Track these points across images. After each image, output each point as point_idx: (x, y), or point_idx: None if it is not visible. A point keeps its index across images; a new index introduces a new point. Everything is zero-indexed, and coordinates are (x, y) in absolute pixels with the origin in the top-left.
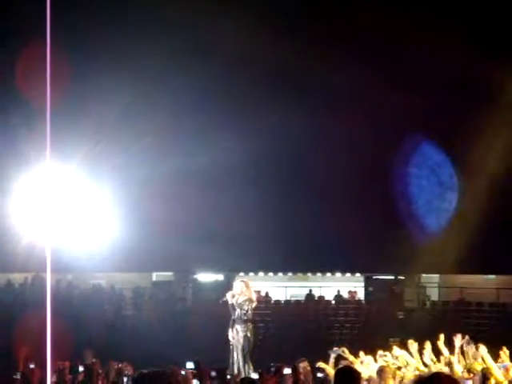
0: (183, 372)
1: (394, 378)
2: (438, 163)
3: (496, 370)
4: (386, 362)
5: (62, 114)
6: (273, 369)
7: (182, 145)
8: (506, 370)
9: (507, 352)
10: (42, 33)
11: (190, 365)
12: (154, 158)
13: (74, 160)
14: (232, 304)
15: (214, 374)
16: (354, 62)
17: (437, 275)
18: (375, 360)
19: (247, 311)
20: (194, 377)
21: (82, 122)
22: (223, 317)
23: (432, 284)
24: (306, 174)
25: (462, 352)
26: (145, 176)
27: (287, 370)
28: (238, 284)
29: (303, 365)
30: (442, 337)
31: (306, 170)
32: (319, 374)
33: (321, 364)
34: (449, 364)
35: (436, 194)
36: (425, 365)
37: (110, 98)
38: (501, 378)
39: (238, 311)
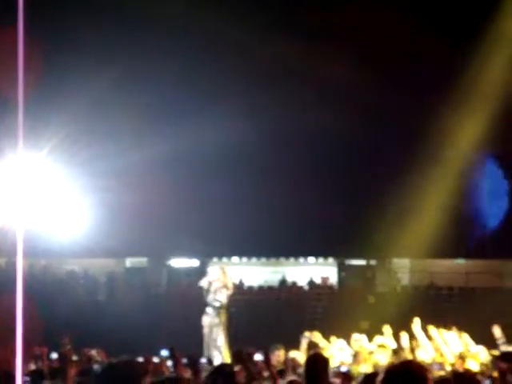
0: (157, 360)
1: (367, 362)
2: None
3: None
4: (361, 346)
5: (35, 102)
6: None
7: (156, 133)
8: (461, 357)
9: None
10: (14, 20)
11: (164, 352)
12: (128, 145)
13: (46, 147)
14: (207, 290)
15: (185, 360)
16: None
17: (407, 260)
18: (348, 343)
19: (222, 297)
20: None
21: (55, 111)
22: (197, 302)
23: (403, 269)
24: (280, 161)
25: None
26: (120, 163)
27: (258, 356)
28: (214, 270)
29: (279, 353)
30: (416, 321)
31: (280, 158)
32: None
33: (293, 352)
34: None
35: None
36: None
37: (84, 88)
38: (470, 363)
39: (212, 297)
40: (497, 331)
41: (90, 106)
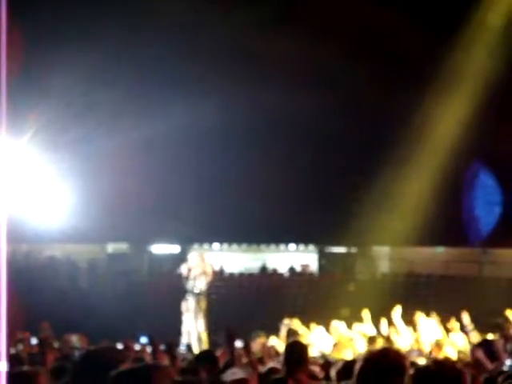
0: (137, 347)
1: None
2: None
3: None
4: (340, 333)
5: (15, 88)
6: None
7: (137, 116)
8: (437, 345)
9: (457, 323)
10: None
11: (143, 339)
12: (109, 129)
13: (27, 133)
14: (187, 277)
15: (163, 347)
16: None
17: (387, 248)
18: (328, 331)
19: (201, 284)
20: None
21: (35, 96)
22: (179, 289)
23: (383, 256)
24: (261, 147)
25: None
26: (100, 148)
27: (239, 343)
28: (193, 257)
29: (260, 340)
30: (397, 308)
31: (260, 144)
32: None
33: (273, 340)
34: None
35: None
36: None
37: (65, 72)
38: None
39: (191, 284)
40: (465, 318)
41: (70, 92)
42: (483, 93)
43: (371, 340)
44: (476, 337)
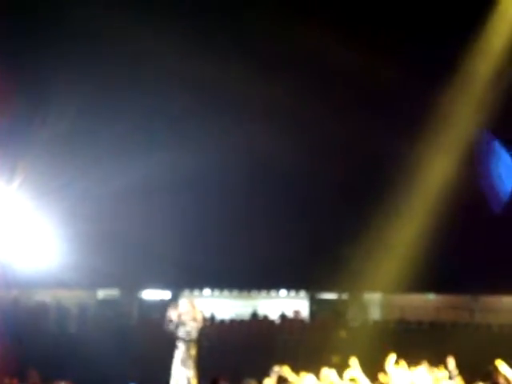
0: None
1: None
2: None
3: None
4: (331, 381)
5: (4, 133)
6: None
7: (123, 162)
8: None
9: (445, 371)
10: None
11: None
12: (97, 175)
13: (16, 180)
14: (177, 323)
15: None
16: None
17: (378, 294)
18: (318, 378)
19: (192, 331)
20: None
21: (25, 142)
22: (169, 335)
23: (374, 303)
24: (249, 190)
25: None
26: (92, 193)
27: None
28: (183, 303)
29: None
30: (391, 357)
31: (251, 185)
32: None
33: None
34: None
35: None
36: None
37: (51, 120)
38: None
39: (182, 330)
40: (451, 363)
41: (57, 139)
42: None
43: None
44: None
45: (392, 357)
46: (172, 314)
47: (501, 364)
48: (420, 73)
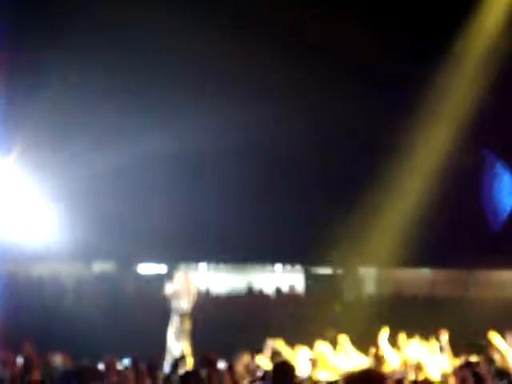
0: (121, 367)
1: (328, 370)
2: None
3: (428, 364)
4: (324, 354)
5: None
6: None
7: (124, 138)
8: (419, 366)
9: (437, 345)
10: None
11: (126, 361)
12: (94, 150)
13: (14, 152)
14: (171, 297)
15: (144, 367)
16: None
17: (374, 269)
18: (312, 352)
19: (186, 304)
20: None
21: (23, 115)
22: (164, 309)
23: (369, 277)
24: (247, 165)
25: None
26: (89, 168)
27: (222, 364)
28: (178, 277)
29: (245, 359)
30: (385, 330)
31: (246, 164)
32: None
33: (258, 360)
34: (380, 357)
35: None
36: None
37: (53, 90)
38: (431, 372)
39: (176, 304)
40: (443, 337)
41: (58, 112)
42: (467, 117)
43: (356, 361)
44: (451, 358)
45: (385, 331)
46: (167, 288)
47: (494, 337)
48: (413, 52)
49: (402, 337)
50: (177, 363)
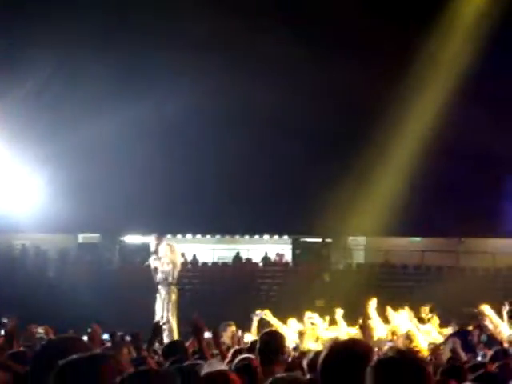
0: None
1: (316, 340)
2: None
3: (418, 334)
4: (314, 324)
5: None
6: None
7: (107, 109)
8: (408, 336)
9: (428, 314)
10: None
11: (105, 336)
12: (80, 120)
13: None
14: (155, 267)
15: (128, 338)
16: None
17: (363, 238)
18: (302, 322)
19: (171, 274)
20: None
21: (5, 87)
22: (150, 280)
23: (358, 247)
24: (233, 139)
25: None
26: (72, 138)
27: (208, 334)
28: (162, 247)
29: (231, 329)
30: (373, 300)
31: (234, 134)
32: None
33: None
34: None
35: None
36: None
37: (34, 62)
38: (421, 342)
39: (160, 275)
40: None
41: (40, 82)
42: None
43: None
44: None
45: (373, 301)
46: (151, 259)
47: (486, 307)
48: (404, 16)
49: (390, 307)
50: (156, 327)
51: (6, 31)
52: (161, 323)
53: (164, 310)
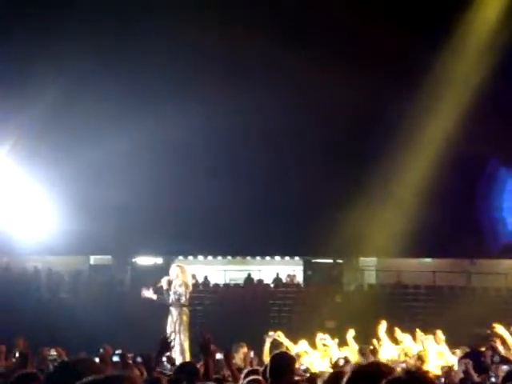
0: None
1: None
2: None
3: (431, 355)
4: (325, 345)
5: None
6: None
7: (120, 130)
8: (419, 357)
9: (441, 336)
10: None
11: (115, 358)
12: (92, 142)
13: (7, 145)
14: (167, 289)
15: (139, 359)
16: None
17: (374, 259)
18: (313, 343)
19: (183, 296)
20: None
21: (15, 108)
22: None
23: (370, 267)
24: (246, 160)
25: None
26: (85, 160)
27: (219, 355)
28: (173, 269)
29: (243, 350)
30: (383, 323)
31: (245, 157)
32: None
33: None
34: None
35: None
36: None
37: (45, 84)
38: (433, 362)
39: (173, 296)
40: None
41: (52, 102)
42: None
43: (357, 352)
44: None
45: (383, 323)
46: (163, 281)
47: (498, 327)
48: (416, 34)
49: (400, 329)
50: (163, 341)
51: (20, 52)
52: (169, 339)
53: (176, 332)
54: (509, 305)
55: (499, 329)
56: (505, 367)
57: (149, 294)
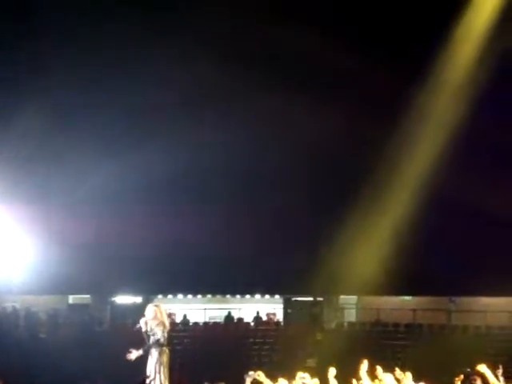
0: None
1: None
2: None
3: None
4: None
5: None
6: None
7: (98, 167)
8: None
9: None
10: None
11: None
12: (70, 181)
13: None
14: (146, 331)
15: None
16: None
17: (354, 297)
18: (293, 382)
19: (161, 336)
20: None
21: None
22: (141, 340)
23: (350, 305)
24: (224, 195)
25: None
26: (63, 200)
27: None
28: (149, 309)
29: None
30: (364, 363)
31: (223, 193)
32: None
33: None
34: None
35: None
36: None
37: (30, 123)
38: None
39: (152, 337)
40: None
41: (27, 142)
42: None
43: None
44: None
45: (364, 363)
46: (141, 322)
47: (481, 366)
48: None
49: (381, 368)
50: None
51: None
52: (149, 379)
53: (156, 372)
54: (488, 342)
55: (482, 368)
56: None
57: (134, 354)
